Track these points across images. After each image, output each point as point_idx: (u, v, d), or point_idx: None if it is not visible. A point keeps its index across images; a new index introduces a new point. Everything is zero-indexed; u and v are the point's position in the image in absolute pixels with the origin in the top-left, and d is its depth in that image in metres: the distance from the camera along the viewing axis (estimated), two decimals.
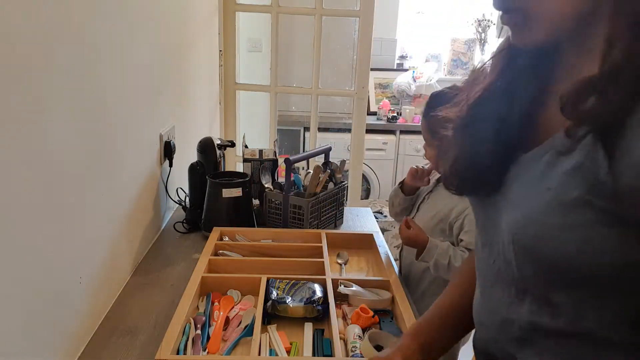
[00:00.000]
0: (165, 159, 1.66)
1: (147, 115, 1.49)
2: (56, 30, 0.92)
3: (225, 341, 1.09)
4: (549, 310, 0.61)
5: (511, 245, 0.61)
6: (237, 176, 1.65)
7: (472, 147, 0.68)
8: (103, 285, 1.19)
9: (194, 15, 2.05)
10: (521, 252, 0.60)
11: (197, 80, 2.14)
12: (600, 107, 0.51)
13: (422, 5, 4.37)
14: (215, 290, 1.26)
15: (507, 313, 0.66)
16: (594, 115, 0.51)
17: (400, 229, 1.39)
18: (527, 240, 0.59)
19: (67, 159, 0.98)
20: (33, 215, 0.87)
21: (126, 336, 1.11)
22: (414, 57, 4.41)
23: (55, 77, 0.92)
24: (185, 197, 1.77)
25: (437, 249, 1.33)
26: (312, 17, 2.52)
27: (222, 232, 1.53)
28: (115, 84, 1.22)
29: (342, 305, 1.24)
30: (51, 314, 0.95)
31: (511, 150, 0.64)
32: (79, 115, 1.02)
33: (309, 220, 1.61)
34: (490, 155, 0.65)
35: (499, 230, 0.65)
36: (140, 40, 1.40)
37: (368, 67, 2.62)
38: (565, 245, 0.55)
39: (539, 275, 0.60)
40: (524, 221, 0.59)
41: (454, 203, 1.39)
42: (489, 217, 0.68)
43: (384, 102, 4.02)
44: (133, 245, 1.41)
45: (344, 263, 1.49)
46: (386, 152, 3.86)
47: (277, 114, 2.74)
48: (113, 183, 1.24)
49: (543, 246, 0.57)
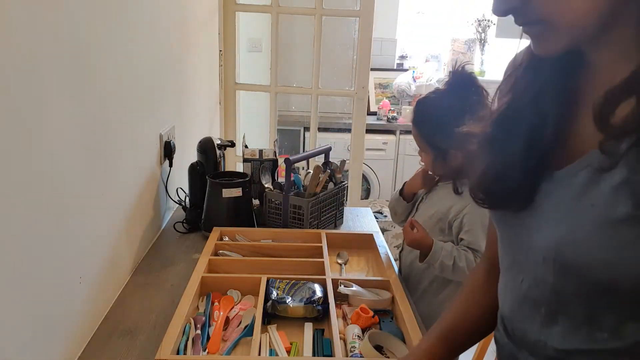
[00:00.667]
0: (165, 159, 1.66)
1: (147, 115, 1.49)
2: (56, 30, 0.92)
3: (225, 341, 1.09)
4: (585, 329, 0.59)
5: (550, 264, 0.59)
6: (237, 176, 1.65)
7: (500, 163, 0.66)
8: (103, 285, 1.19)
9: (194, 15, 2.05)
10: (562, 272, 0.59)
11: (197, 80, 2.14)
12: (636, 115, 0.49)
13: (422, 5, 4.37)
14: (215, 290, 1.26)
15: (539, 334, 0.64)
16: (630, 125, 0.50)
17: (404, 230, 1.37)
18: (571, 260, 0.57)
19: (67, 159, 0.98)
20: (33, 215, 0.87)
21: (126, 336, 1.11)
22: (414, 57, 4.41)
23: (55, 77, 0.92)
24: (185, 197, 1.76)
25: (442, 251, 1.32)
26: (312, 17, 2.52)
27: (222, 232, 1.53)
28: (115, 83, 1.22)
29: (342, 305, 1.24)
30: (51, 314, 0.95)
31: (542, 166, 0.62)
32: (79, 115, 1.02)
33: (309, 220, 1.61)
34: (520, 171, 0.63)
35: (529, 249, 0.63)
36: (140, 41, 1.40)
37: (368, 67, 2.62)
38: (613, 263, 0.53)
39: (581, 294, 0.58)
40: (567, 240, 0.57)
41: (452, 202, 1.39)
42: (516, 235, 0.66)
43: (384, 102, 4.02)
44: (133, 245, 1.41)
45: (344, 263, 1.49)
46: (386, 152, 3.86)
47: (277, 114, 2.74)
48: (113, 183, 1.24)
49: (589, 265, 0.55)
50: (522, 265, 0.65)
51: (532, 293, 0.64)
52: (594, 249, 0.54)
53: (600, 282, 0.55)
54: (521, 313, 0.67)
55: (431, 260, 1.33)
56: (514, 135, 0.64)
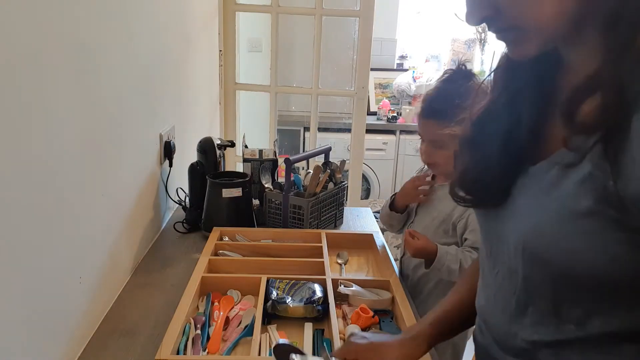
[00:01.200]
0: (165, 159, 1.66)
1: (147, 115, 1.49)
2: (56, 31, 0.92)
3: (225, 341, 1.09)
4: (553, 321, 0.61)
5: (520, 255, 0.62)
6: (237, 176, 1.65)
7: (478, 162, 0.69)
8: (103, 285, 1.19)
9: (194, 15, 2.05)
10: (530, 262, 0.61)
11: (197, 80, 2.14)
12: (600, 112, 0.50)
13: (421, 5, 4.37)
14: (215, 290, 1.26)
15: (510, 325, 0.67)
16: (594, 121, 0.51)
17: (405, 242, 1.35)
18: (538, 250, 0.59)
19: (67, 159, 0.98)
20: (33, 215, 0.87)
21: (126, 336, 1.11)
22: (414, 57, 4.41)
23: (54, 77, 0.92)
24: (185, 197, 1.77)
25: (447, 256, 1.31)
26: (312, 17, 2.52)
27: (222, 232, 1.53)
28: (115, 84, 1.22)
29: (342, 305, 1.24)
30: (51, 314, 0.95)
31: (518, 163, 0.64)
32: (79, 115, 1.02)
33: (309, 220, 1.61)
34: (497, 168, 0.66)
35: (503, 241, 0.65)
36: (141, 40, 1.40)
37: (368, 67, 2.62)
38: (576, 254, 0.55)
39: (547, 284, 0.61)
40: (534, 231, 0.59)
41: (454, 202, 1.38)
42: (493, 229, 0.69)
43: (384, 102, 4.02)
44: (133, 245, 1.41)
45: (344, 263, 1.49)
46: (386, 152, 3.86)
47: (277, 114, 2.74)
48: (113, 183, 1.24)
49: (554, 255, 0.57)
50: (498, 257, 0.68)
51: (505, 284, 0.67)
52: (557, 240, 0.56)
53: (563, 274, 0.58)
54: (495, 304, 0.70)
55: (437, 265, 1.31)
56: (492, 135, 0.67)
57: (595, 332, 0.58)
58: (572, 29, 0.54)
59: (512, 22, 0.55)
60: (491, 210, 0.69)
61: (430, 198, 1.47)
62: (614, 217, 0.51)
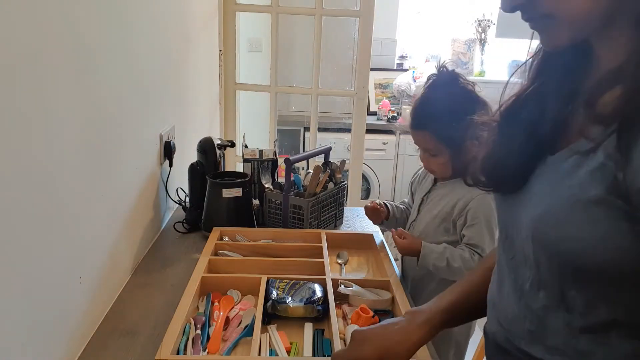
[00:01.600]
0: (165, 159, 1.66)
1: (147, 115, 1.49)
2: (56, 31, 0.92)
3: (225, 341, 1.09)
4: (562, 305, 0.62)
5: (530, 240, 0.63)
6: (237, 176, 1.65)
7: (501, 148, 0.71)
8: (103, 285, 1.19)
9: (193, 15, 2.05)
10: (539, 247, 0.62)
11: (197, 80, 2.14)
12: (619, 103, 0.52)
13: (421, 5, 4.37)
14: (215, 290, 1.26)
15: (520, 308, 0.68)
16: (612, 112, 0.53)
17: (394, 240, 1.39)
18: (546, 236, 0.61)
19: (67, 159, 0.98)
20: (33, 215, 0.87)
21: (126, 336, 1.11)
22: (414, 57, 4.41)
23: (54, 77, 0.92)
24: (185, 197, 1.76)
25: (432, 254, 1.34)
26: (312, 17, 2.52)
27: (222, 232, 1.53)
28: (115, 84, 1.22)
29: (342, 305, 1.24)
30: (51, 314, 0.95)
31: (540, 151, 0.66)
32: (79, 116, 1.02)
33: (309, 220, 1.61)
34: (519, 156, 0.68)
35: (519, 226, 0.67)
36: (141, 40, 1.40)
37: (368, 67, 2.62)
38: (582, 242, 0.56)
39: (554, 270, 0.62)
40: (544, 217, 0.61)
41: (455, 200, 1.39)
42: (509, 214, 0.71)
43: (384, 102, 4.02)
44: (133, 245, 1.41)
45: (344, 263, 1.49)
46: (386, 152, 3.85)
47: (277, 114, 2.74)
48: (113, 183, 1.24)
49: (561, 242, 0.59)
50: (513, 242, 0.70)
51: (520, 269, 0.68)
52: (565, 226, 0.58)
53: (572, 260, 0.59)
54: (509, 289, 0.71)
55: (423, 263, 1.36)
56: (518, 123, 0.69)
57: (601, 320, 0.60)
58: (603, 23, 0.56)
59: (546, 11, 0.57)
60: (509, 196, 0.71)
61: (432, 197, 1.48)
62: (622, 207, 0.53)
